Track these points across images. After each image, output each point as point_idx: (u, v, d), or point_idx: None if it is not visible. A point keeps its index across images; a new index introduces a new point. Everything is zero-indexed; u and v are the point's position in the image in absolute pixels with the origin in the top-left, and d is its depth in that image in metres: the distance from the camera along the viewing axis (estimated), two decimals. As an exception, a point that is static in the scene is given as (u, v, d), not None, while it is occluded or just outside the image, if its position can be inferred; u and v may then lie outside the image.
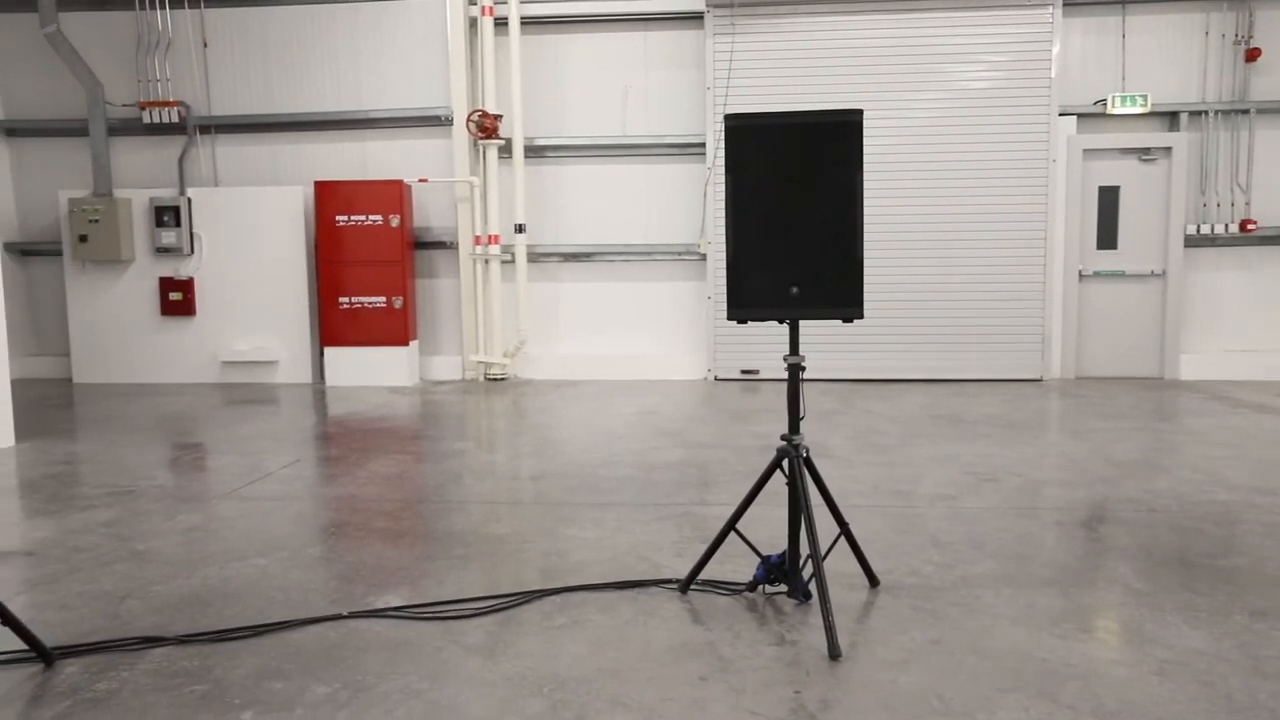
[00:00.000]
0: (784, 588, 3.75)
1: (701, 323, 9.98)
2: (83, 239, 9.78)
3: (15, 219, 10.52)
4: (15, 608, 3.65)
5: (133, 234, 9.96)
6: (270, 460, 6.30)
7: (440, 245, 10.09)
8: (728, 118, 3.46)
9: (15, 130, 10.37)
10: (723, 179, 3.53)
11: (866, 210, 9.17)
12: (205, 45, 10.12)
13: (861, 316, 3.47)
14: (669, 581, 3.90)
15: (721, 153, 9.34)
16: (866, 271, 9.18)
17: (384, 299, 9.65)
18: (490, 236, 9.81)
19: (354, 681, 3.04)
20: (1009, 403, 8.28)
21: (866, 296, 9.16)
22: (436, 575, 4.04)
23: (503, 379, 9.99)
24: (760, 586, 3.76)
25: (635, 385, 9.59)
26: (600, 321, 10.13)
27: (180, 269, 9.98)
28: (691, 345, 10.04)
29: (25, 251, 10.50)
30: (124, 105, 10.16)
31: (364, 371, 9.73)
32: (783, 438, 3.58)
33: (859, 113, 3.41)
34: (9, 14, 10.26)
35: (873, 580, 3.84)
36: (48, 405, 8.71)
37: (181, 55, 10.16)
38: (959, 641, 3.30)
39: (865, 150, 3.62)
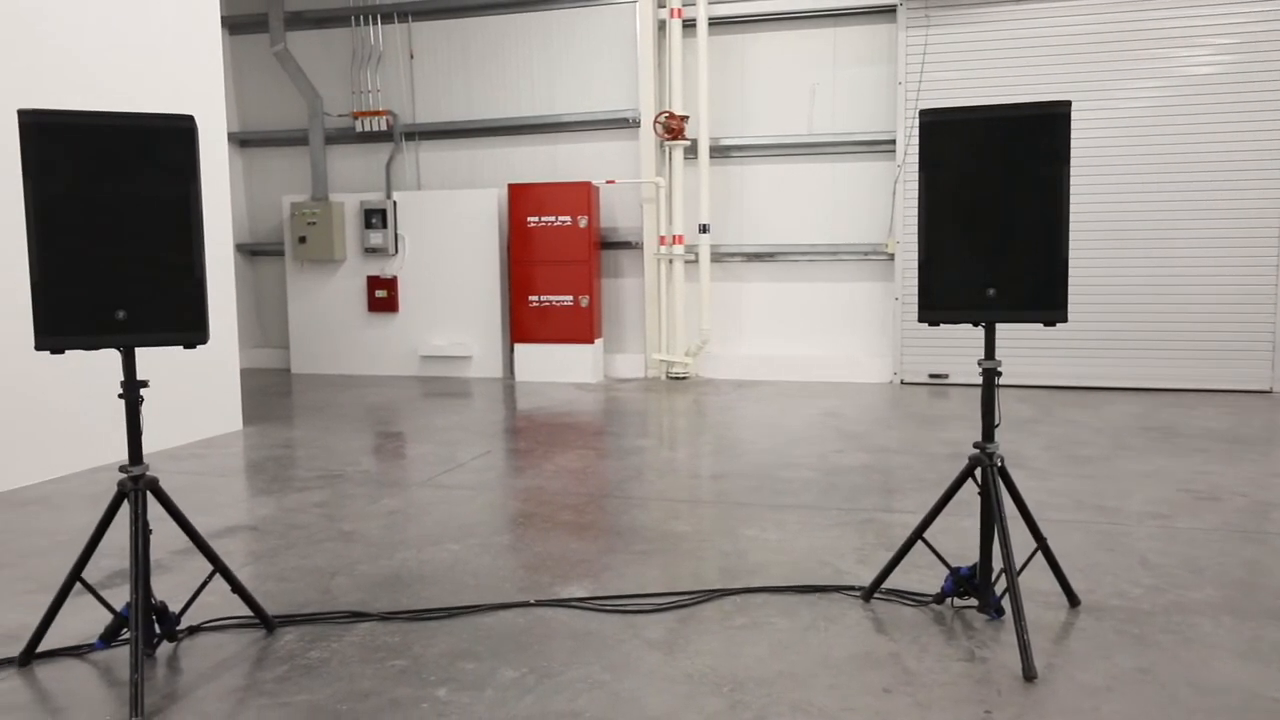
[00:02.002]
0: (974, 602, 3.59)
1: (888, 324, 9.70)
2: (301, 240, 10.59)
3: (246, 222, 11.53)
4: (242, 578, 3.99)
5: (345, 235, 10.70)
6: (463, 451, 6.61)
7: (625, 245, 10.28)
8: (923, 113, 3.35)
9: (247, 141, 11.37)
10: (915, 176, 3.41)
11: (1072, 207, 8.65)
12: (412, 57, 10.74)
13: (1065, 320, 3.27)
14: (852, 588, 3.81)
15: (914, 149, 9.09)
16: (1070, 272, 8.67)
17: (571, 298, 9.93)
18: (675, 236, 9.90)
19: (540, 667, 3.14)
20: (1232, 416, 7.60)
21: (1070, 299, 8.63)
22: (618, 569, 4.11)
23: (684, 378, 10.07)
24: (949, 599, 3.62)
25: (818, 387, 9.44)
26: (783, 322, 10.04)
27: (386, 268, 10.64)
28: (877, 347, 9.78)
29: (253, 252, 11.49)
30: (339, 115, 10.93)
31: (551, 368, 10.05)
32: (975, 445, 3.43)
33: (1066, 104, 3.21)
34: (244, 36, 11.25)
35: (1072, 600, 3.62)
36: (270, 393, 9.50)
37: (391, 67, 10.83)
38: (1172, 672, 3.06)
39: (1072, 144, 3.40)
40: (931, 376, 9.53)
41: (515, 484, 5.66)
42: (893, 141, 9.43)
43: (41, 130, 2.92)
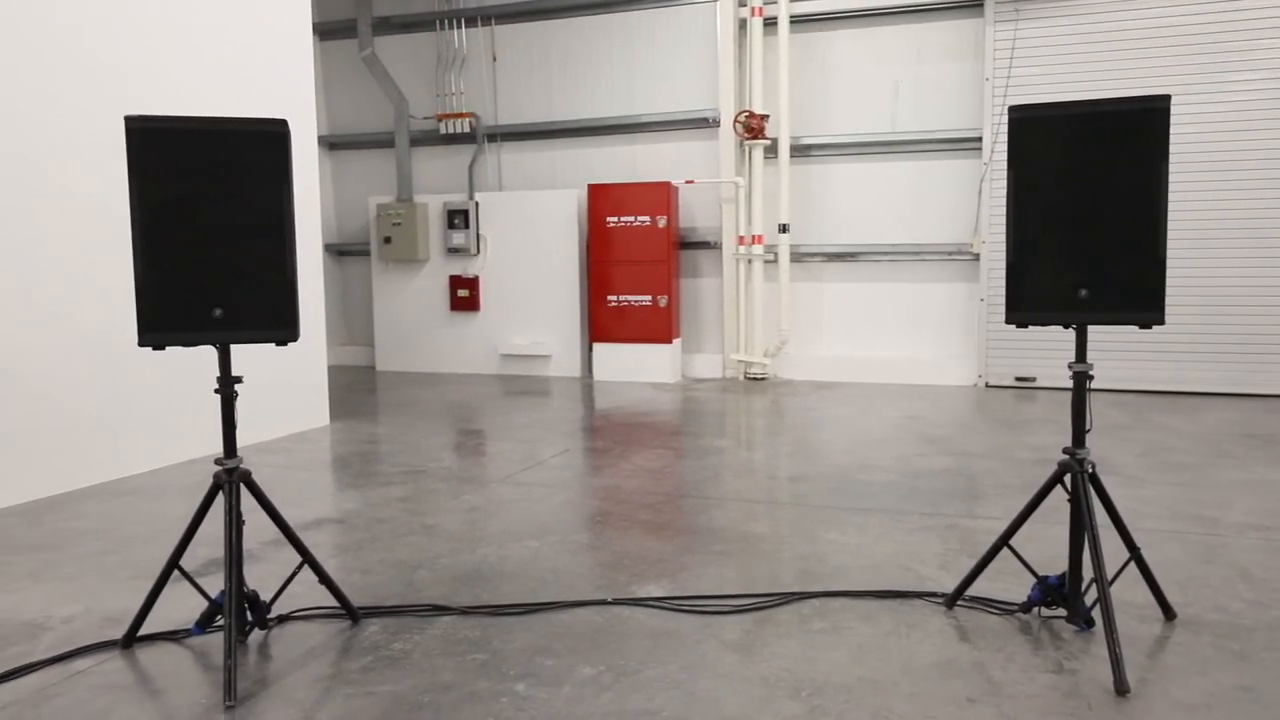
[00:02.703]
0: (1062, 612, 3.49)
1: (972, 326, 9.49)
2: (387, 240, 10.84)
3: (333, 222, 11.85)
4: (329, 570, 4.10)
5: (428, 235, 10.91)
6: (542, 449, 6.67)
7: (704, 245, 10.26)
8: (1013, 109, 3.26)
9: (335, 144, 11.67)
10: (1002, 174, 3.33)
11: (1169, 204, 8.33)
12: (495, 59, 10.89)
13: (1162, 322, 3.15)
14: (934, 595, 3.74)
15: (1001, 146, 8.86)
16: (1167, 272, 8.36)
17: (649, 297, 9.95)
18: (754, 236, 9.85)
19: (617, 665, 3.16)
20: (1341, 423, 7.23)
21: (1166, 300, 8.31)
22: (695, 569, 4.11)
23: (763, 378, 10.01)
24: (1036, 608, 3.52)
25: (899, 389, 9.28)
26: (864, 323, 9.90)
27: (467, 268, 10.82)
28: (961, 349, 9.57)
29: (341, 252, 11.80)
30: (424, 118, 11.15)
31: (629, 367, 10.08)
32: (1065, 451, 3.33)
33: (1165, 99, 3.09)
34: (333, 41, 11.56)
35: (1168, 613, 3.48)
36: (355, 390, 9.74)
37: (474, 70, 11.00)
38: (1276, 691, 2.92)
39: (1170, 140, 3.27)
40: (1018, 380, 9.29)
41: (593, 482, 5.69)
42: (979, 139, 9.21)
43: (146, 135, 3.04)
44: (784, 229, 9.75)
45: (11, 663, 3.23)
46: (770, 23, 9.73)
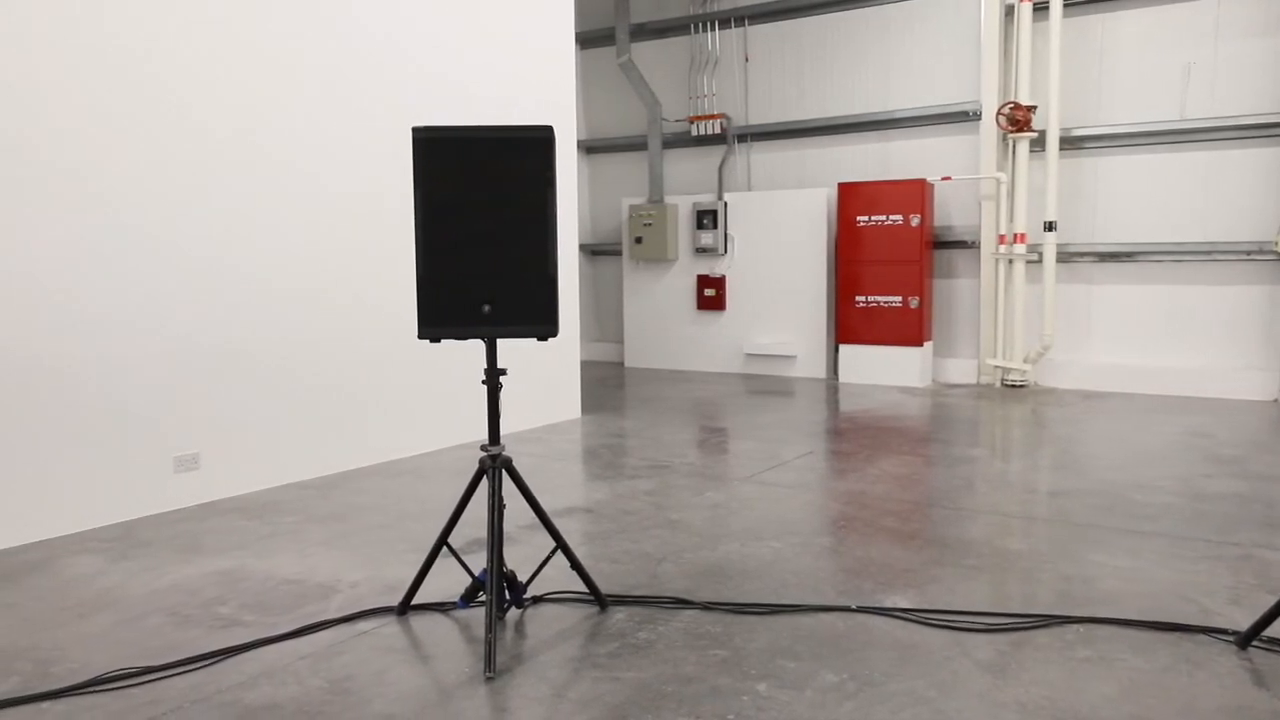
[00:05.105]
0: (1386, 665, 3.03)
1: (1274, 333, 8.45)
2: (638, 240, 11.17)
3: (589, 223, 12.37)
4: (578, 556, 4.28)
5: (677, 236, 11.14)
6: (786, 449, 6.63)
7: (960, 245, 9.80)
8: (1337, 88, 2.86)
9: (593, 148, 12.18)
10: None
11: None
12: (746, 60, 10.94)
13: None
14: (1224, 631, 3.36)
15: (1314, 131, 7.83)
16: None
17: (900, 298, 9.64)
18: (1016, 235, 9.28)
19: (861, 675, 3.08)
20: None
21: None
22: (945, 582, 3.93)
23: (1021, 386, 9.42)
24: (1351, 658, 3.08)
25: (1180, 402, 8.43)
26: (1139, 328, 9.07)
27: (714, 267, 10.94)
28: (1258, 360, 8.55)
29: (594, 251, 12.30)
30: (676, 120, 11.39)
31: (876, 370, 9.81)
32: (1395, 480, 2.89)
33: None
34: (592, 49, 12.06)
35: None
36: (605, 385, 10.11)
37: (725, 71, 11.10)
38: None
39: None
40: (1330, 396, 8.18)
41: (837, 486, 5.59)
42: (1288, 124, 8.20)
43: (429, 144, 3.30)
44: (1050, 227, 9.12)
45: (309, 619, 3.62)
46: (1041, 8, 9.13)
